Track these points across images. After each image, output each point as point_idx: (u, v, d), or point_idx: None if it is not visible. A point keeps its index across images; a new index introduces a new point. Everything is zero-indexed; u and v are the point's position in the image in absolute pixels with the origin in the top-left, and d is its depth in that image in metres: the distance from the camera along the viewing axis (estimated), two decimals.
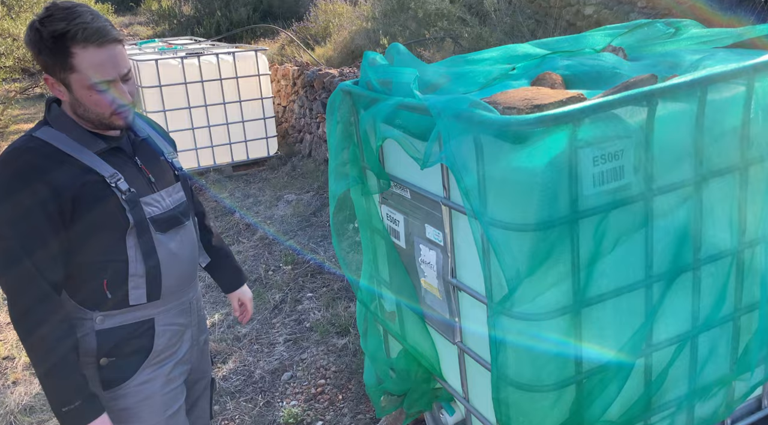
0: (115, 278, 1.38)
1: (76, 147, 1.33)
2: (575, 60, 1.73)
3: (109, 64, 1.29)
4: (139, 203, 1.38)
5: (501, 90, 1.66)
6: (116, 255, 1.37)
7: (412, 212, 1.68)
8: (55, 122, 1.36)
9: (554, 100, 1.28)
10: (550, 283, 1.25)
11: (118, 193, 1.35)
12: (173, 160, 1.56)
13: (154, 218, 1.41)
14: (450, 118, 1.34)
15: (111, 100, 1.31)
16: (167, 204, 1.46)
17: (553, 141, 1.22)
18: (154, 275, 1.42)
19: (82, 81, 1.27)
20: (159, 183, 1.46)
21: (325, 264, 3.82)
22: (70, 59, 1.26)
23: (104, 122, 1.34)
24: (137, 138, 1.48)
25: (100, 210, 1.34)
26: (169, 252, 1.44)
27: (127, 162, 1.41)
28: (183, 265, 1.50)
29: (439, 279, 1.60)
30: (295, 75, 6.17)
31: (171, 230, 1.46)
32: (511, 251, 1.25)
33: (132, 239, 1.38)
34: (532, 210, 1.23)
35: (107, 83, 1.29)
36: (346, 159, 1.90)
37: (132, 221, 1.36)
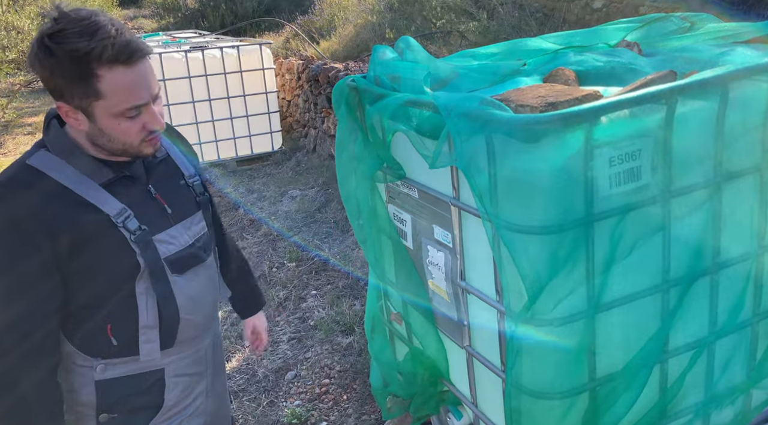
0: (122, 327, 1.19)
1: (77, 178, 1.12)
2: (589, 55, 1.67)
3: (142, 86, 1.07)
4: (151, 243, 1.17)
5: (512, 87, 1.61)
6: (124, 304, 1.18)
7: (420, 212, 1.63)
8: (54, 146, 1.13)
9: (569, 98, 1.23)
10: (569, 289, 1.21)
11: (126, 233, 1.14)
12: (195, 183, 1.32)
13: (170, 258, 1.20)
14: (461, 116, 1.29)
15: (142, 127, 1.11)
16: (186, 240, 1.24)
17: (569, 141, 1.17)
18: (169, 326, 1.22)
19: (109, 108, 1.06)
20: (177, 214, 1.24)
21: (330, 261, 3.78)
22: (96, 84, 1.03)
23: (131, 151, 1.14)
24: (153, 160, 1.24)
25: (105, 255, 1.14)
26: (188, 297, 1.24)
27: (139, 192, 1.20)
28: (203, 309, 1.29)
29: (448, 282, 1.55)
30: (300, 69, 6.11)
31: (190, 271, 1.25)
32: (529, 256, 1.21)
33: (143, 285, 1.17)
34: (548, 212, 1.19)
35: (139, 108, 1.09)
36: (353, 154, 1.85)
37: (143, 266, 1.16)
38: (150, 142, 1.15)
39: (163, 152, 1.28)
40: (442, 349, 1.68)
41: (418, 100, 1.46)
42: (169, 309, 1.21)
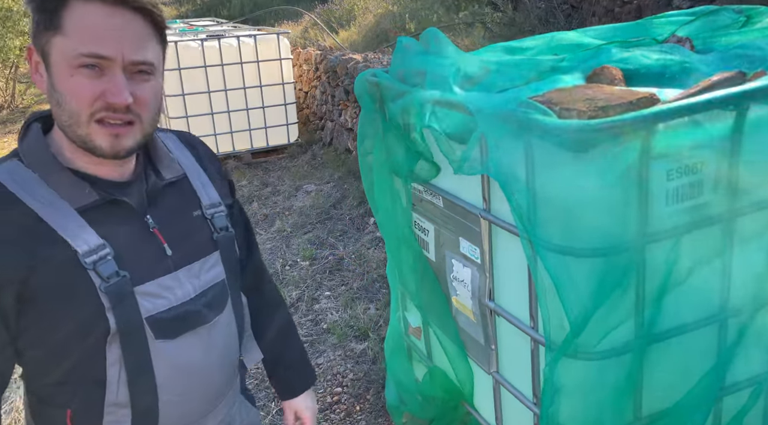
0: (87, 410, 0.91)
1: (48, 198, 0.85)
2: (636, 52, 1.51)
3: (114, 37, 0.81)
4: (130, 296, 0.88)
5: (551, 85, 1.45)
6: (88, 375, 0.89)
7: (444, 223, 1.49)
8: (27, 154, 0.88)
9: (622, 102, 1.08)
10: (619, 319, 1.06)
11: (96, 279, 0.85)
12: (215, 215, 1.01)
13: (155, 317, 0.90)
14: (495, 120, 1.14)
15: (99, 95, 0.81)
16: (186, 292, 0.94)
17: (623, 151, 1.02)
18: (145, 406, 0.92)
19: (66, 50, 0.81)
20: (179, 257, 0.94)
21: (344, 260, 3.65)
22: (60, 12, 0.80)
23: (79, 134, 0.84)
24: (159, 182, 0.95)
25: (65, 308, 0.85)
26: (178, 369, 0.93)
27: (131, 224, 0.91)
28: (206, 384, 0.99)
29: (474, 300, 1.41)
30: (318, 60, 5.97)
31: (186, 335, 0.94)
32: (574, 281, 1.06)
33: (114, 351, 0.88)
34: (596, 233, 1.04)
35: (99, 60, 0.81)
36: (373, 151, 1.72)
37: (114, 327, 0.86)
38: (107, 129, 0.84)
39: (178, 172, 0.99)
40: (467, 371, 1.54)
41: (446, 99, 1.31)
42: (144, 385, 0.91)
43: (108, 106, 0.83)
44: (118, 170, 0.92)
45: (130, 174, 0.94)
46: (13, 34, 8.45)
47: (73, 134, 0.85)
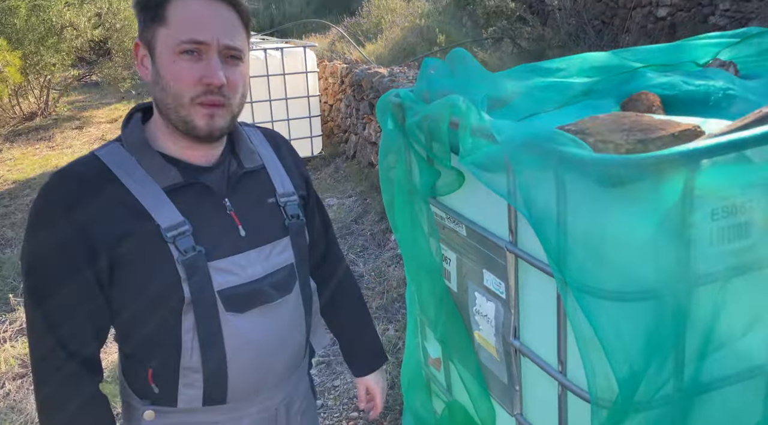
0: (163, 370, 1.02)
1: (140, 178, 0.97)
2: (675, 77, 1.42)
3: (211, 25, 0.94)
4: (204, 269, 0.98)
5: (584, 111, 1.38)
6: (167, 338, 1.00)
7: (467, 253, 1.42)
8: (127, 139, 1.01)
9: (664, 135, 1.00)
10: (669, 370, 0.97)
11: (175, 252, 0.96)
12: (288, 203, 1.11)
13: (226, 292, 1.00)
14: (525, 150, 1.07)
15: (199, 79, 0.93)
16: (255, 271, 1.04)
17: (665, 189, 0.93)
18: (215, 373, 1.02)
19: (169, 38, 0.93)
20: (252, 238, 1.04)
21: (364, 278, 3.59)
22: (164, 6, 0.93)
23: (181, 116, 0.96)
24: (239, 169, 1.06)
25: (146, 275, 0.97)
26: (247, 342, 1.03)
27: (210, 206, 1.02)
28: (267, 360, 1.07)
29: (498, 337, 1.33)
30: (344, 73, 5.96)
31: (253, 311, 1.04)
32: (619, 330, 0.97)
33: (189, 320, 0.98)
34: (637, 275, 0.96)
35: (198, 46, 0.93)
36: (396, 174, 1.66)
37: (188, 296, 0.97)
38: (205, 110, 0.95)
39: (257, 162, 1.10)
40: (488, 410, 1.46)
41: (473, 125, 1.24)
42: (215, 353, 1.01)
43: (206, 88, 0.95)
44: (205, 155, 1.04)
45: (215, 160, 1.05)
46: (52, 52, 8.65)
47: (176, 115, 0.97)
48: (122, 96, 10.58)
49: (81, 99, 10.94)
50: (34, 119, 9.26)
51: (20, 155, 7.54)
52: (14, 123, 8.96)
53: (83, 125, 8.88)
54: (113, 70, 10.17)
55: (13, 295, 3.79)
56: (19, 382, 2.96)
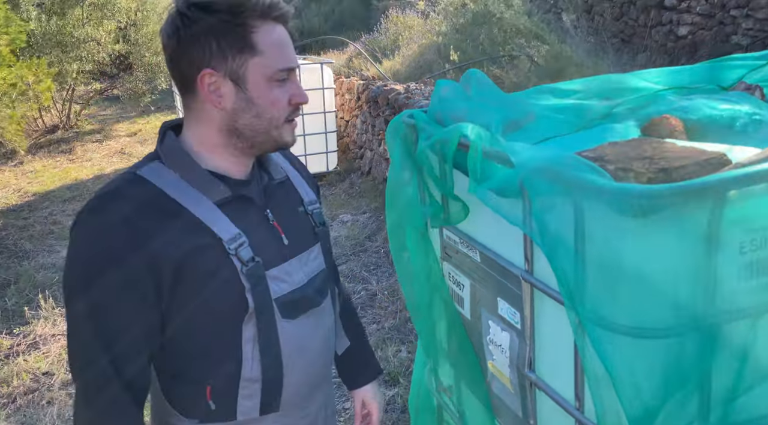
0: (224, 385, 1.02)
1: (191, 194, 0.98)
2: (699, 100, 1.38)
3: (290, 48, 1.01)
4: (264, 279, 1.00)
5: (602, 135, 1.34)
6: (227, 352, 1.01)
7: (482, 279, 1.37)
8: (168, 157, 1.01)
9: (688, 163, 0.96)
10: (689, 415, 0.92)
11: (237, 264, 0.97)
12: (315, 211, 1.16)
13: (281, 299, 1.02)
14: (541, 176, 1.03)
15: (289, 101, 1.01)
16: (300, 278, 1.07)
17: (690, 220, 0.89)
18: (273, 381, 1.04)
19: (264, 67, 0.97)
20: (293, 247, 1.08)
21: (377, 297, 3.55)
22: (251, 36, 0.96)
23: (274, 135, 1.02)
24: (271, 181, 1.10)
25: (210, 287, 0.97)
26: (297, 347, 1.05)
27: (256, 217, 1.05)
28: (314, 363, 1.11)
29: (512, 369, 1.28)
30: (360, 89, 5.97)
31: (302, 316, 1.07)
32: (631, 367, 0.93)
33: (250, 329, 1.00)
34: (658, 310, 0.91)
35: (289, 73, 1.00)
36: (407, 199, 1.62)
37: (252, 305, 0.99)
38: (292, 126, 1.05)
39: (282, 174, 1.15)
40: None
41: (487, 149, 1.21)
42: (274, 361, 1.03)
43: (296, 108, 1.03)
44: (245, 169, 1.07)
45: (248, 173, 1.08)
46: (72, 58, 8.81)
47: (267, 137, 1.02)
48: (142, 110, 10.73)
49: (102, 113, 11.11)
50: (56, 131, 9.42)
51: (41, 167, 7.65)
52: (37, 136, 9.11)
53: (103, 139, 9.01)
54: (134, 85, 10.33)
55: (29, 308, 3.81)
56: (30, 397, 2.95)
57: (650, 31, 4.97)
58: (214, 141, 1.03)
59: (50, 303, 3.71)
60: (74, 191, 6.48)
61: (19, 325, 3.61)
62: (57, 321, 3.63)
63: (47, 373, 3.15)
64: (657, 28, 4.94)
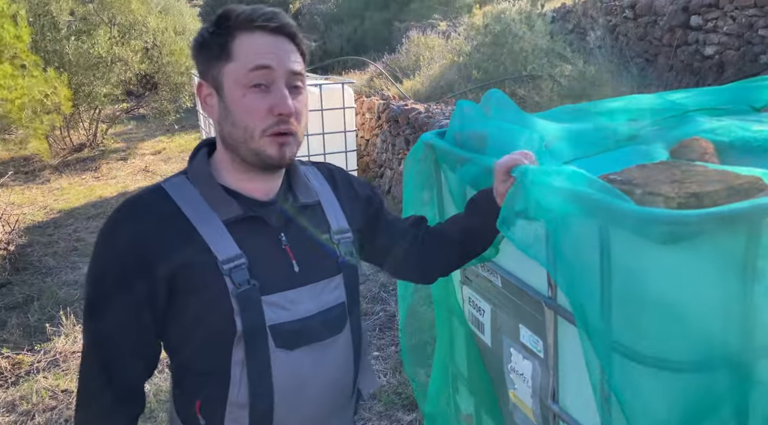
0: (212, 404, 1.00)
1: (203, 211, 0.99)
2: (730, 121, 1.33)
3: (274, 53, 0.96)
4: (257, 304, 0.97)
5: (629, 158, 1.30)
6: (216, 371, 0.99)
7: (503, 305, 1.33)
8: (192, 172, 1.03)
9: (720, 188, 0.91)
10: None
11: (230, 285, 0.96)
12: (342, 240, 1.09)
13: (277, 327, 0.99)
14: (563, 198, 0.99)
15: (269, 109, 0.94)
16: (307, 309, 1.02)
17: (723, 248, 0.84)
18: (262, 411, 0.99)
19: (236, 72, 0.95)
20: (306, 274, 1.03)
21: (395, 318, 3.50)
22: (229, 44, 0.95)
23: (252, 148, 0.97)
24: (295, 204, 1.06)
25: (201, 305, 0.97)
26: (295, 379, 1.01)
27: (266, 239, 1.02)
28: (317, 402, 1.04)
29: (535, 399, 1.23)
30: (381, 109, 5.99)
31: (303, 348, 1.01)
32: (647, 400, 0.88)
33: (239, 353, 0.97)
34: (690, 343, 0.87)
35: (265, 72, 0.94)
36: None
37: (240, 329, 0.96)
38: (276, 139, 0.96)
39: (312, 197, 1.09)
40: None
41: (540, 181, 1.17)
42: (262, 388, 0.99)
43: (278, 118, 0.95)
44: (264, 189, 1.04)
45: (273, 194, 1.05)
46: (102, 82, 9.02)
47: (246, 149, 0.97)
48: (167, 129, 10.91)
49: (127, 131, 11.32)
50: (82, 150, 9.61)
51: (67, 185, 7.79)
52: (64, 154, 9.31)
53: (128, 157, 9.16)
54: (159, 104, 10.53)
55: (50, 325, 3.83)
56: (48, 414, 2.95)
57: (675, 50, 4.90)
58: (224, 157, 1.03)
59: (71, 320, 3.73)
60: (98, 208, 6.57)
61: (40, 342, 3.63)
62: (77, 337, 3.64)
63: (66, 391, 3.15)
64: (682, 48, 4.87)
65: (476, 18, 6.68)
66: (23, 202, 6.94)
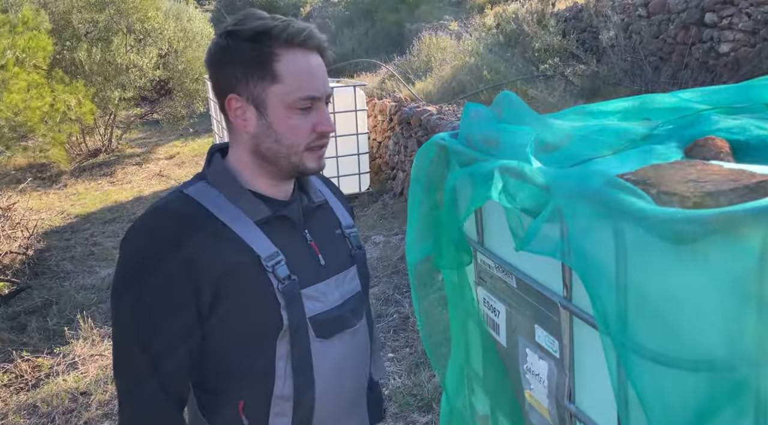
0: (256, 400, 1.03)
1: (233, 213, 1.02)
2: (746, 120, 1.32)
3: (318, 77, 1.01)
4: (299, 297, 1.02)
5: (643, 158, 1.29)
6: (260, 367, 1.02)
7: (518, 306, 1.33)
8: (214, 177, 1.06)
9: (736, 187, 0.91)
10: None
11: (274, 281, 1.00)
12: (352, 234, 1.18)
13: (315, 318, 1.04)
14: (579, 200, 1.00)
15: (312, 128, 1.01)
16: (335, 299, 1.09)
17: (739, 249, 0.84)
18: (305, 400, 1.04)
19: (284, 95, 0.99)
20: (330, 267, 1.10)
21: (410, 320, 3.50)
22: (273, 64, 0.98)
23: (294, 161, 1.03)
24: (310, 204, 1.14)
25: (247, 303, 1.00)
26: (331, 367, 1.06)
27: (294, 236, 1.08)
28: (348, 385, 1.11)
29: (551, 399, 1.23)
30: (392, 111, 6.00)
31: (335, 337, 1.08)
32: (664, 397, 0.88)
33: (284, 346, 1.01)
34: (704, 343, 0.86)
35: (313, 102, 1.01)
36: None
37: (286, 322, 1.00)
38: (316, 153, 1.06)
39: (321, 197, 1.19)
40: None
41: (517, 171, 1.18)
42: (306, 379, 1.04)
43: (319, 135, 1.04)
44: (285, 191, 1.11)
45: (290, 195, 1.12)
46: (114, 85, 9.13)
47: (287, 162, 1.04)
48: (180, 133, 11.02)
49: (142, 136, 11.45)
50: (98, 155, 9.74)
51: (83, 190, 7.90)
52: (80, 159, 9.43)
53: (143, 162, 9.26)
54: (173, 109, 10.64)
55: (69, 328, 3.89)
56: (68, 417, 3.00)
57: (690, 48, 4.86)
58: (248, 163, 1.07)
59: (89, 324, 3.78)
60: (114, 212, 6.66)
61: (59, 345, 3.69)
62: (95, 341, 3.69)
63: (85, 393, 3.20)
64: (697, 46, 4.82)
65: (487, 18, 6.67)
66: (41, 207, 7.05)
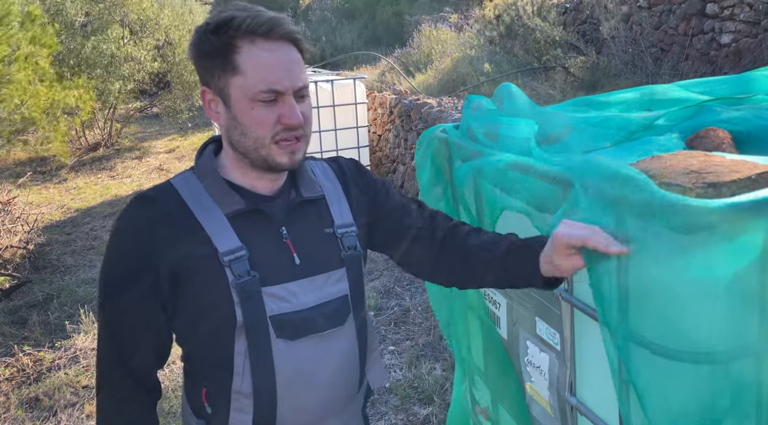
0: (217, 391, 1.03)
1: (206, 205, 1.01)
2: (747, 111, 1.31)
3: (282, 69, 0.96)
4: (257, 295, 0.99)
5: (644, 148, 1.28)
6: (220, 360, 1.02)
7: (519, 299, 1.33)
8: (199, 167, 1.06)
9: (738, 178, 0.90)
10: None
11: (230, 276, 0.98)
12: (345, 234, 1.10)
13: (278, 317, 1.00)
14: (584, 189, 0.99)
15: (277, 120, 0.96)
16: (307, 300, 1.03)
17: (742, 241, 0.83)
18: (265, 399, 1.02)
19: (245, 88, 0.95)
20: (307, 267, 1.05)
21: (410, 312, 3.50)
22: (234, 56, 0.95)
23: (262, 153, 0.99)
24: (297, 199, 1.08)
25: (203, 297, 1.00)
26: (296, 369, 1.02)
27: (267, 233, 1.03)
28: (320, 392, 1.06)
29: (552, 392, 1.23)
30: (393, 104, 5.98)
31: (305, 339, 1.03)
32: (664, 389, 0.88)
33: (242, 343, 1.00)
34: (706, 334, 0.86)
35: (275, 94, 0.96)
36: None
37: (240, 319, 0.98)
38: (285, 147, 0.99)
39: (317, 192, 1.10)
40: None
41: (522, 164, 1.17)
42: (265, 380, 1.01)
43: (285, 127, 0.97)
44: (270, 185, 1.06)
45: (277, 189, 1.07)
46: (114, 78, 9.10)
47: (257, 155, 1.00)
48: (180, 127, 10.99)
49: (141, 130, 11.42)
50: (98, 149, 9.72)
51: (83, 184, 7.89)
52: (80, 153, 9.42)
53: (142, 155, 9.25)
54: (172, 102, 10.60)
55: (70, 322, 3.89)
56: (70, 410, 3.00)
57: (691, 39, 4.83)
58: (231, 156, 1.05)
59: (90, 318, 3.79)
60: (114, 206, 6.65)
61: (60, 339, 3.70)
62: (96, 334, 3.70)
63: (86, 387, 3.21)
64: (698, 37, 4.80)
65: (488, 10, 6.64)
66: (41, 201, 7.05)
